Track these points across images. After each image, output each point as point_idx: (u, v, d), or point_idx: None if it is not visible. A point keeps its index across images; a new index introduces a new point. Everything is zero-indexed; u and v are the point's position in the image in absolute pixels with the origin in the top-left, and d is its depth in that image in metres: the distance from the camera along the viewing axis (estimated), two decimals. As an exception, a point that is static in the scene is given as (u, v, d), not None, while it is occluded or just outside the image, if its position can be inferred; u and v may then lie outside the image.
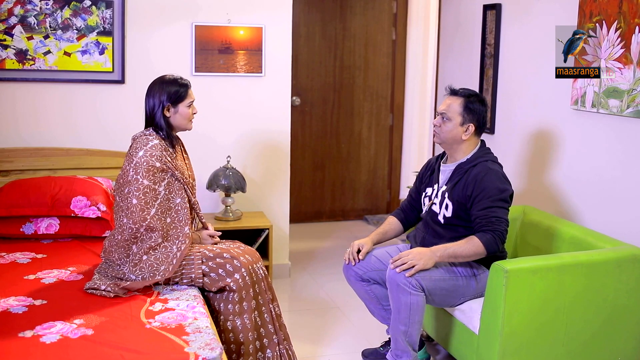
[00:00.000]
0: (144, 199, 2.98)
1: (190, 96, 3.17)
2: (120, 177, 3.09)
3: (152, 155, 3.03)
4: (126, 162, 3.07)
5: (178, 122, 3.16)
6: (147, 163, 3.01)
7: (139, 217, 2.96)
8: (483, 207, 3.04)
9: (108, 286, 2.93)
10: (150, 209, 2.99)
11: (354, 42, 6.41)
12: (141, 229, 2.96)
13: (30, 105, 4.21)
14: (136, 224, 2.96)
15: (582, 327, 3.00)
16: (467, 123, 3.18)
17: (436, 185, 3.30)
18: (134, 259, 2.98)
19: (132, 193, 2.99)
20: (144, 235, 2.98)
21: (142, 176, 2.99)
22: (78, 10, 4.18)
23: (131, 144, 3.12)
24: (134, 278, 2.95)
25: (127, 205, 2.99)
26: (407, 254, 3.03)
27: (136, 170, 3.00)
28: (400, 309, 3.03)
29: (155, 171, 3.02)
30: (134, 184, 2.99)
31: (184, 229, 3.06)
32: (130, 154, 3.07)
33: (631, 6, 3.21)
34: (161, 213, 3.02)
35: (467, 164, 3.18)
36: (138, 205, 2.97)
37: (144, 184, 2.99)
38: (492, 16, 4.44)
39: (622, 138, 3.35)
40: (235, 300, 3.02)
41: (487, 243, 2.99)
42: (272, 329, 3.14)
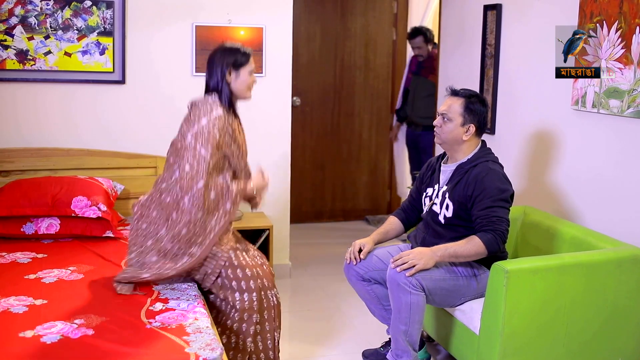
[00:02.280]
0: (197, 168, 2.93)
1: (251, 63, 3.11)
2: (177, 141, 3.06)
3: (214, 125, 2.96)
4: (185, 126, 3.02)
5: (238, 88, 3.09)
6: (208, 133, 2.94)
7: (187, 185, 2.92)
8: (484, 207, 3.04)
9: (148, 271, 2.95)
10: (200, 180, 2.93)
11: (355, 42, 6.41)
12: (185, 197, 2.93)
13: (30, 105, 4.21)
14: (182, 190, 2.93)
15: (582, 328, 3.00)
16: (468, 124, 3.18)
17: (437, 186, 3.30)
18: (172, 227, 2.96)
19: (187, 159, 2.94)
20: (186, 206, 2.93)
21: (200, 144, 2.94)
22: (79, 11, 4.18)
23: (191, 108, 3.06)
24: (169, 247, 2.95)
25: (179, 169, 2.97)
26: (407, 254, 3.03)
27: (196, 138, 2.94)
28: (400, 309, 3.03)
29: (214, 142, 2.95)
30: (191, 151, 2.94)
31: (226, 206, 3.02)
32: (191, 119, 3.01)
33: (632, 6, 3.21)
34: (206, 188, 2.95)
35: (467, 164, 3.19)
36: (189, 172, 2.93)
37: (201, 153, 2.94)
38: (493, 16, 4.44)
39: (622, 138, 3.35)
40: (235, 318, 3.03)
41: (488, 243, 2.99)
42: (272, 355, 3.14)
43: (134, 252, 3.05)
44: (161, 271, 2.97)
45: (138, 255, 3.03)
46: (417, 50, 5.82)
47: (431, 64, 5.75)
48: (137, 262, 3.01)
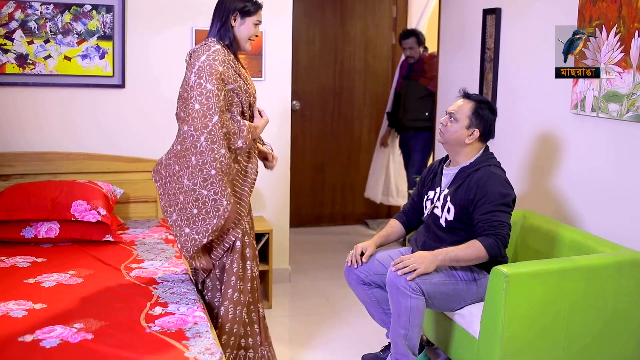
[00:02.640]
0: (207, 104, 2.81)
1: (259, 15, 3.06)
2: (182, 91, 2.96)
3: (214, 59, 2.88)
4: (187, 71, 2.93)
5: (240, 35, 3.03)
6: (209, 67, 2.85)
7: (201, 124, 2.80)
8: (485, 211, 3.04)
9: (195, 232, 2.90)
10: (214, 115, 2.82)
11: (354, 46, 6.42)
12: (202, 137, 2.81)
13: (30, 109, 4.21)
14: (197, 131, 2.81)
15: (582, 331, 3.00)
16: (473, 127, 3.19)
17: (438, 189, 3.30)
18: (194, 172, 2.85)
19: (195, 98, 2.82)
20: (204, 146, 2.81)
21: (205, 80, 2.83)
22: (78, 15, 4.19)
23: (190, 55, 2.99)
24: (205, 193, 2.84)
25: (187, 111, 2.84)
26: (408, 257, 3.03)
27: (199, 75, 2.85)
28: (400, 313, 3.02)
29: (218, 75, 2.86)
30: (197, 89, 2.83)
31: (237, 143, 2.95)
32: (191, 62, 2.92)
33: (630, 10, 3.21)
34: (222, 122, 2.84)
35: (469, 168, 3.19)
36: (200, 110, 2.81)
37: (207, 88, 2.83)
38: (492, 20, 4.45)
39: (621, 142, 3.35)
40: (230, 284, 3.02)
41: (489, 247, 2.99)
42: (258, 329, 3.15)
43: (174, 212, 2.95)
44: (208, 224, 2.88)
45: (179, 214, 2.94)
46: (408, 51, 5.78)
47: (422, 67, 5.77)
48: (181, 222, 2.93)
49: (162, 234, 3.99)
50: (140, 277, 3.22)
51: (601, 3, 3.39)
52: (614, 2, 3.31)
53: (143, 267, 3.38)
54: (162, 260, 3.51)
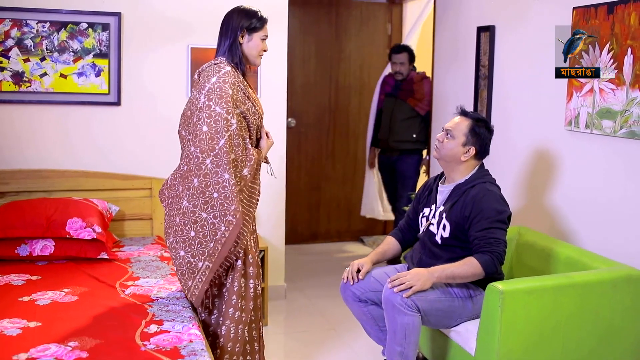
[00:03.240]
0: (215, 127, 2.82)
1: (265, 30, 3.08)
2: (187, 109, 2.98)
3: (225, 81, 2.89)
4: (195, 91, 2.93)
5: (249, 52, 3.05)
6: (220, 89, 2.86)
7: (208, 146, 2.81)
8: (481, 228, 3.05)
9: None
10: (220, 139, 2.82)
11: (349, 64, 6.45)
12: (207, 160, 2.82)
13: (26, 127, 4.22)
14: (203, 153, 2.82)
15: (578, 347, 2.99)
16: (469, 145, 3.20)
17: (434, 206, 3.31)
18: (194, 194, 2.85)
19: (203, 120, 2.83)
20: (209, 169, 2.82)
21: (214, 103, 2.84)
22: (74, 33, 4.20)
23: (199, 74, 2.99)
24: (204, 216, 2.84)
25: (195, 133, 2.85)
26: (404, 275, 3.03)
27: (208, 97, 2.85)
28: (396, 330, 3.02)
29: (228, 99, 2.87)
30: (205, 111, 2.84)
31: (243, 171, 2.96)
32: (200, 82, 2.93)
33: (623, 28, 3.24)
34: (229, 147, 2.85)
35: (465, 185, 3.20)
36: (208, 133, 2.81)
37: (216, 111, 2.83)
38: (486, 38, 4.48)
39: (615, 158, 3.37)
40: (232, 303, 3.01)
41: (485, 264, 2.99)
42: (257, 347, 3.14)
43: (171, 234, 2.95)
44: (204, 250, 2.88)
45: (175, 235, 2.93)
46: (398, 66, 5.51)
47: (411, 86, 5.51)
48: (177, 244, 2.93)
49: (157, 251, 3.98)
50: (136, 295, 3.21)
51: (594, 20, 3.42)
52: (606, 20, 3.34)
53: (138, 285, 3.37)
54: (157, 277, 3.50)
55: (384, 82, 5.76)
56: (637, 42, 3.16)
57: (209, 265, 2.91)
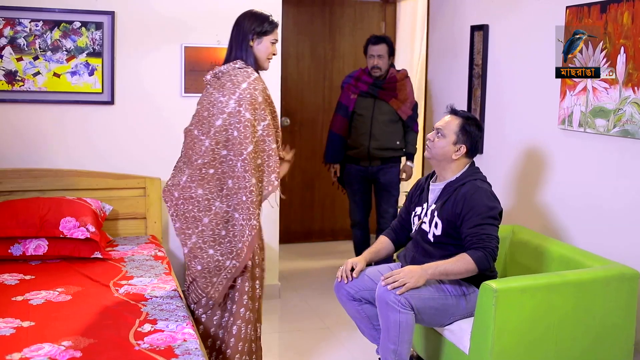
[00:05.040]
0: (244, 133, 2.92)
1: (275, 34, 3.15)
2: (203, 110, 3.03)
3: (255, 88, 2.98)
4: (218, 94, 3.00)
5: (259, 55, 3.11)
6: (250, 96, 2.96)
7: (238, 150, 2.93)
8: (473, 224, 3.05)
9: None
10: (249, 144, 2.93)
11: (343, 62, 6.44)
12: (238, 163, 2.93)
13: (19, 126, 4.20)
14: (235, 156, 2.93)
15: (571, 346, 3.00)
16: (460, 143, 3.21)
17: (425, 204, 3.32)
18: (229, 195, 2.95)
19: (234, 125, 2.93)
20: (240, 172, 2.93)
21: (244, 109, 2.94)
22: (68, 32, 4.19)
23: (219, 77, 3.04)
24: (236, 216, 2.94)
25: (227, 137, 2.94)
26: (398, 272, 3.04)
27: (239, 103, 2.94)
28: (389, 328, 3.02)
29: (257, 106, 2.97)
30: (236, 116, 2.93)
31: (271, 176, 3.04)
32: (226, 85, 2.99)
33: (616, 27, 3.25)
34: (255, 152, 2.96)
35: (456, 183, 3.21)
36: (238, 137, 2.92)
37: (246, 117, 2.94)
38: (480, 37, 4.49)
39: (608, 157, 3.38)
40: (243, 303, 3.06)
41: (478, 260, 3.00)
42: (254, 347, 3.16)
43: (194, 235, 2.99)
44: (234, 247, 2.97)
45: (200, 236, 2.99)
46: (376, 59, 4.75)
47: (394, 86, 4.80)
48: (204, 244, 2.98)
49: (151, 250, 3.98)
50: (130, 294, 3.21)
51: (587, 19, 3.43)
52: (599, 19, 3.35)
53: (132, 284, 3.36)
54: (151, 277, 3.49)
55: (358, 78, 4.92)
56: (630, 41, 3.17)
57: (235, 264, 2.99)
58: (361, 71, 4.94)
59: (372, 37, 4.90)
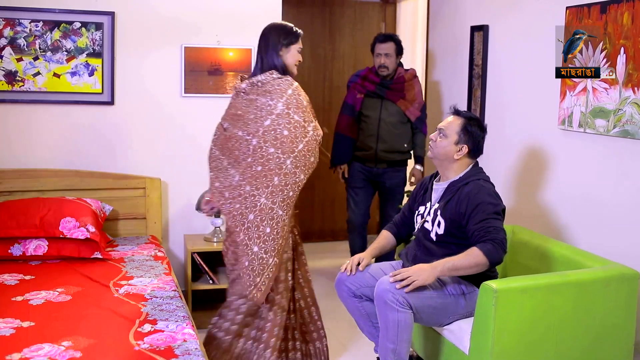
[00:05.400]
0: (295, 132, 3.11)
1: (300, 43, 3.34)
2: (249, 113, 3.18)
3: (299, 94, 3.23)
4: (265, 99, 3.18)
5: (288, 63, 3.30)
6: (296, 100, 3.19)
7: (289, 148, 3.09)
8: (479, 220, 3.04)
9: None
10: (299, 143, 3.12)
11: (343, 63, 6.45)
12: (287, 160, 3.09)
13: (19, 126, 4.20)
14: (285, 154, 3.09)
15: (571, 346, 3.00)
16: (462, 144, 3.21)
17: (429, 204, 3.32)
18: (274, 192, 3.08)
19: (283, 125, 3.12)
20: (289, 169, 3.10)
21: (293, 111, 3.16)
22: (68, 32, 4.19)
23: (258, 86, 3.21)
24: (280, 213, 3.11)
25: (275, 136, 3.10)
26: (406, 270, 3.03)
27: (287, 106, 3.16)
28: (388, 326, 3.02)
29: (303, 109, 3.20)
30: (285, 118, 3.13)
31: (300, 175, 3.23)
32: (271, 91, 3.18)
33: (616, 27, 3.25)
34: (307, 150, 3.16)
35: (459, 182, 3.21)
36: (289, 136, 3.10)
37: (295, 118, 3.15)
38: (480, 37, 4.49)
39: (608, 157, 3.38)
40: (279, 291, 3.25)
41: (488, 252, 2.96)
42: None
43: (241, 232, 3.11)
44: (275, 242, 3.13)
45: (246, 232, 3.11)
46: (383, 58, 4.64)
47: (401, 86, 4.68)
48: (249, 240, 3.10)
49: (151, 250, 3.98)
50: (130, 294, 3.21)
51: (587, 20, 3.43)
52: (599, 19, 3.35)
53: (132, 284, 3.37)
54: (151, 277, 3.50)
55: (365, 78, 4.81)
56: (630, 41, 3.17)
57: (276, 261, 3.15)
58: (368, 70, 4.83)
59: (379, 35, 4.83)
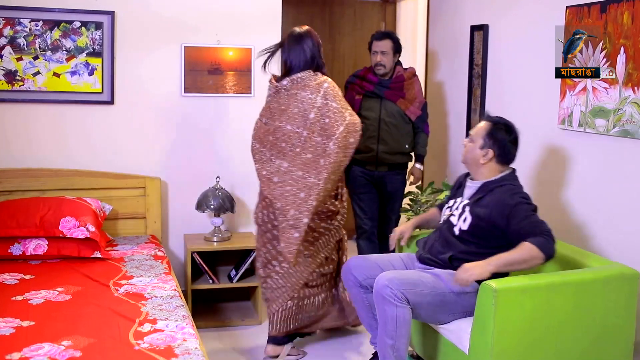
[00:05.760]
0: (334, 118, 3.48)
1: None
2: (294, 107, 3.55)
3: (334, 86, 3.59)
4: (306, 93, 3.54)
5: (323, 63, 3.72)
6: (332, 91, 3.56)
7: (331, 132, 3.47)
8: (522, 218, 3.03)
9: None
10: (340, 126, 3.49)
11: (343, 63, 6.44)
12: (330, 143, 3.47)
13: (19, 126, 4.20)
14: (328, 138, 3.47)
15: (571, 346, 3.00)
16: (487, 148, 3.21)
17: (459, 199, 3.34)
18: (320, 171, 3.49)
19: (324, 114, 3.51)
20: (332, 150, 3.46)
21: (331, 100, 3.53)
22: (68, 32, 4.19)
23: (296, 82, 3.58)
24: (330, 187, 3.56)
25: (320, 126, 3.50)
26: (465, 269, 3.01)
27: (325, 97, 3.53)
28: (386, 321, 3.03)
29: (339, 98, 3.57)
30: (325, 108, 3.52)
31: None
32: (310, 85, 3.55)
33: (616, 27, 3.25)
34: (347, 132, 3.51)
35: (493, 184, 3.20)
36: (330, 123, 3.48)
37: (333, 106, 3.52)
38: (480, 37, 4.49)
39: (608, 157, 3.38)
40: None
41: (540, 245, 2.93)
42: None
43: (292, 209, 3.52)
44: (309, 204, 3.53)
45: (297, 208, 3.52)
46: (379, 56, 4.50)
47: (401, 85, 4.52)
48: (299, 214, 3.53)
49: (151, 250, 3.98)
50: (129, 294, 3.21)
51: (587, 19, 3.43)
52: (599, 19, 3.35)
53: (132, 284, 3.37)
54: (151, 276, 3.50)
55: (362, 78, 4.62)
56: (630, 41, 3.17)
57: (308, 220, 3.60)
58: (366, 70, 4.67)
59: (376, 32, 4.70)
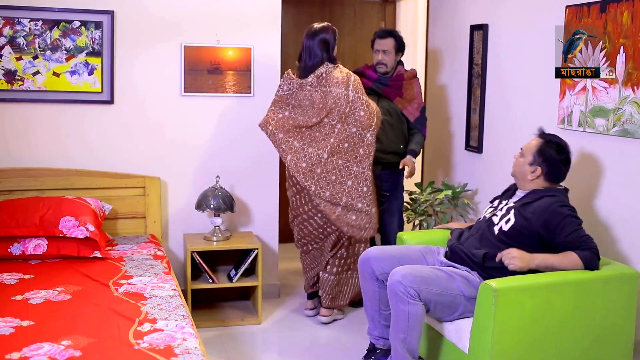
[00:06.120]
0: (368, 110, 3.96)
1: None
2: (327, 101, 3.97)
3: (356, 78, 4.03)
4: (336, 88, 3.97)
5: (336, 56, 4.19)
6: (359, 84, 4.02)
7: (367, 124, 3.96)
8: (570, 231, 3.04)
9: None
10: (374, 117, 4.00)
11: (343, 62, 6.31)
12: (367, 134, 3.98)
13: (19, 125, 4.20)
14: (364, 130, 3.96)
15: (571, 346, 3.00)
16: (536, 165, 3.21)
17: (505, 200, 3.34)
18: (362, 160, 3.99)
19: (358, 107, 3.96)
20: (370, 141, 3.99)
21: (361, 93, 3.99)
22: (67, 31, 4.19)
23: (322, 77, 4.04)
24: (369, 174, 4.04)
25: (355, 118, 3.96)
26: (513, 250, 3.05)
27: (355, 91, 3.97)
28: (398, 317, 3.04)
29: (363, 89, 4.04)
30: (358, 101, 3.97)
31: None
32: (338, 79, 4.00)
33: (616, 26, 3.25)
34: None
35: (543, 192, 3.20)
36: (365, 115, 3.96)
37: (364, 99, 3.99)
38: (479, 36, 4.48)
39: (608, 157, 3.38)
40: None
41: (586, 259, 2.99)
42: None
43: (344, 196, 3.99)
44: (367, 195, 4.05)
45: (349, 196, 4.00)
46: (381, 54, 4.48)
47: (400, 84, 4.48)
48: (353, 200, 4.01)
49: (150, 249, 3.98)
50: (129, 293, 3.21)
51: (587, 19, 3.43)
52: (599, 18, 3.35)
53: (132, 283, 3.36)
54: (150, 276, 3.49)
55: (361, 75, 4.41)
56: (630, 40, 3.17)
57: (375, 210, 4.14)
58: (366, 66, 4.65)
59: (379, 30, 4.67)
